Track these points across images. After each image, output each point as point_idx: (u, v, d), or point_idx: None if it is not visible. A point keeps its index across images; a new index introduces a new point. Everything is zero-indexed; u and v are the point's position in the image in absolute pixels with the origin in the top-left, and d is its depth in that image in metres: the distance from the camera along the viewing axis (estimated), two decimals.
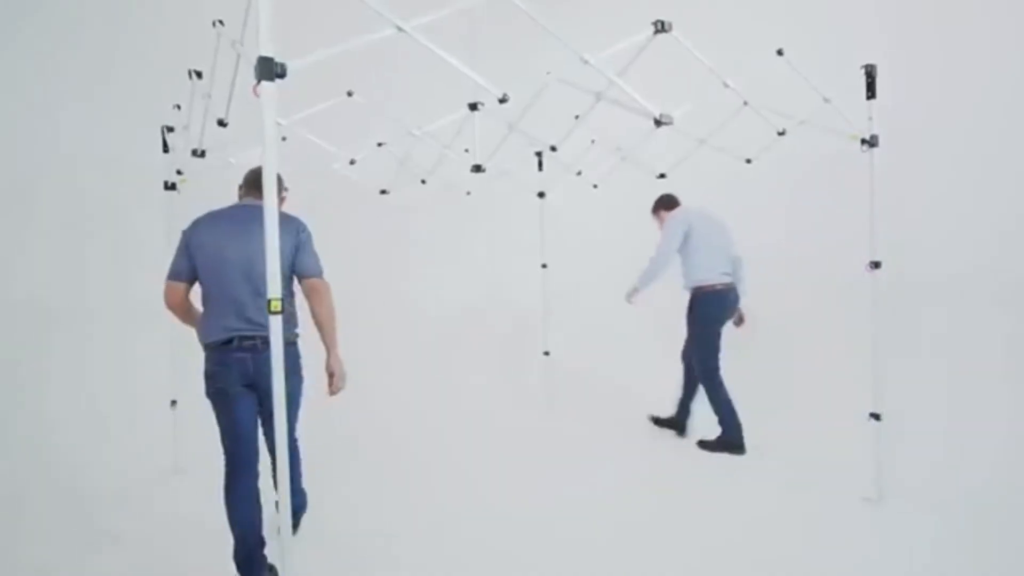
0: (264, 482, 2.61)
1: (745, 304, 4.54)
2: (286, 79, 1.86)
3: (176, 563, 2.86)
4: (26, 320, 4.38)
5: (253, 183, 2.76)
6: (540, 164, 5.42)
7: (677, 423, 4.64)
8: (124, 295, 4.70)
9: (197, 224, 2.67)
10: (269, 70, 1.82)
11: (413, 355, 5.96)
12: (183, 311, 2.68)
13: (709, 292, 4.29)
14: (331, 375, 2.63)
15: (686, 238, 4.31)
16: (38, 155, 4.46)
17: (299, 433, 2.96)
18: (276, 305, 1.89)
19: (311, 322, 2.72)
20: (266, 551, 2.63)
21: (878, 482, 3.27)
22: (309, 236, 2.73)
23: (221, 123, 2.80)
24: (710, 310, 4.31)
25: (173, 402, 3.97)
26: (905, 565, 2.72)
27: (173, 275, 2.64)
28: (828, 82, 3.40)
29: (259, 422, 2.66)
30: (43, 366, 4.37)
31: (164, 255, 3.82)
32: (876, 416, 3.28)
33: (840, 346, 4.58)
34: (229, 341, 2.51)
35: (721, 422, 4.24)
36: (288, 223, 2.66)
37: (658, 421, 4.76)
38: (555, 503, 3.45)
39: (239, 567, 2.56)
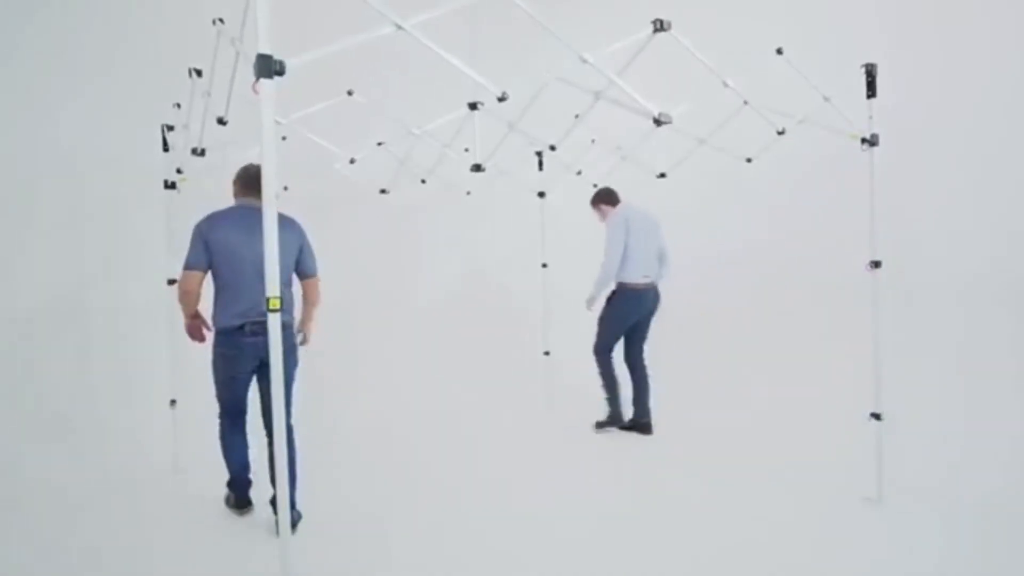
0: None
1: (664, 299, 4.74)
2: (286, 78, 1.87)
3: (178, 561, 2.85)
4: (25, 319, 4.35)
5: (251, 182, 3.02)
6: (540, 164, 5.43)
7: (639, 424, 4.69)
8: (124, 295, 4.68)
9: (212, 221, 2.99)
10: (268, 67, 1.82)
11: (413, 354, 5.93)
12: (195, 297, 3.00)
13: (629, 290, 4.57)
14: (304, 333, 3.26)
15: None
16: (37, 154, 4.43)
17: (295, 420, 3.06)
18: (275, 303, 1.90)
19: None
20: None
21: (879, 482, 3.26)
22: (308, 239, 3.19)
23: (221, 121, 2.79)
24: (626, 306, 4.61)
25: (172, 402, 3.96)
26: (905, 565, 2.71)
27: (193, 265, 2.94)
28: (828, 81, 3.39)
29: (251, 391, 3.19)
30: (42, 365, 4.35)
31: (164, 254, 3.87)
32: (877, 416, 3.26)
33: (841, 345, 4.56)
34: (242, 327, 2.96)
35: (608, 400, 4.69)
36: (292, 226, 3.09)
37: (623, 426, 4.76)
38: (555, 503, 3.44)
39: (235, 491, 3.26)
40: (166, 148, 3.84)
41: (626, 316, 4.62)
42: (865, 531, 3.00)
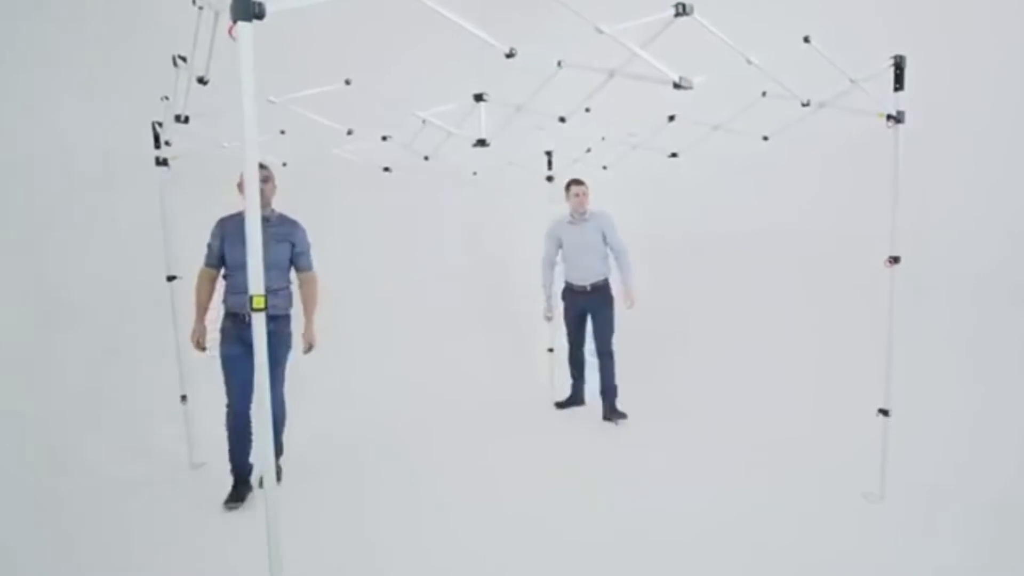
0: None
1: (637, 288, 4.71)
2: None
3: (196, 558, 2.79)
4: (31, 317, 4.17)
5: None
6: (549, 163, 5.39)
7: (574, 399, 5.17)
8: (129, 291, 4.50)
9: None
10: (246, 9, 1.66)
11: (413, 349, 5.72)
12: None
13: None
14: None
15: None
16: (34, 151, 4.24)
17: (287, 394, 3.40)
18: (259, 302, 1.92)
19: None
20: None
21: (882, 478, 3.20)
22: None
23: (201, 80, 2.60)
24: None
25: (183, 397, 3.87)
26: (903, 563, 2.67)
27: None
28: (856, 70, 3.19)
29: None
30: (50, 363, 4.18)
31: (163, 249, 3.75)
32: (885, 412, 3.20)
33: (852, 338, 4.44)
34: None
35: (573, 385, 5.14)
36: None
37: (560, 404, 5.15)
38: (557, 502, 3.34)
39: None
40: (157, 145, 3.66)
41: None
42: (862, 527, 2.95)
